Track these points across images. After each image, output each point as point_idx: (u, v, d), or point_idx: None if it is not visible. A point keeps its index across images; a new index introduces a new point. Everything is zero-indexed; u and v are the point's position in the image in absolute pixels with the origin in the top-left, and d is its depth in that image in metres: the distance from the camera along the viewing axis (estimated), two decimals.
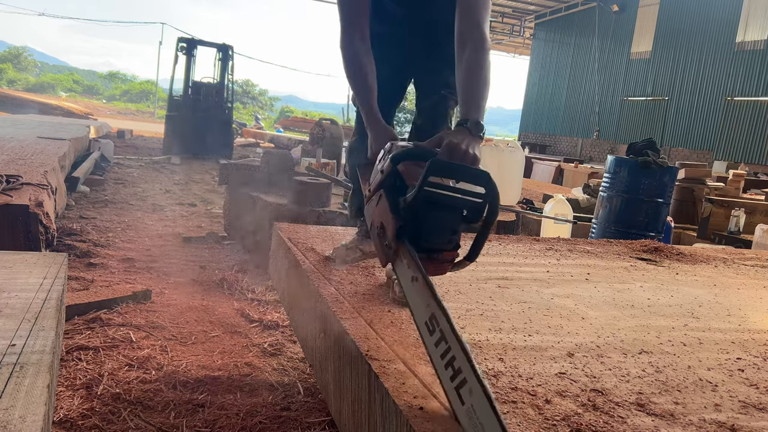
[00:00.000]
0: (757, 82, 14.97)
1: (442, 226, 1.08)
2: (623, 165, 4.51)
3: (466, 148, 1.16)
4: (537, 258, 2.15)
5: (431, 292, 0.96)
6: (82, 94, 41.61)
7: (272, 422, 1.78)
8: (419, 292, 1.00)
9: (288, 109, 46.89)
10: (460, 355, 0.86)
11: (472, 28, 1.39)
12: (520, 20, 24.54)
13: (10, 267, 1.77)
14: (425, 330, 0.96)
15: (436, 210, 1.06)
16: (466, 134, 1.20)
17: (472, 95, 1.31)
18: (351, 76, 1.50)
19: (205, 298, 2.98)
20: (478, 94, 1.31)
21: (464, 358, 0.85)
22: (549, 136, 22.68)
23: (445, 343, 0.90)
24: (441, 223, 1.08)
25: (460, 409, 0.85)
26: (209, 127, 10.61)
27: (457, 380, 0.86)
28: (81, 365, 2.03)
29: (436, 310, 0.94)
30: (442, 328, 0.91)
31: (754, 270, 2.37)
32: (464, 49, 1.37)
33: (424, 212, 1.06)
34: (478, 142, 1.21)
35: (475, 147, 1.18)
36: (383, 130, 1.42)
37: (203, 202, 6.15)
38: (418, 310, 1.00)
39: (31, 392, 1.01)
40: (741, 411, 1.01)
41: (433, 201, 1.05)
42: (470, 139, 1.19)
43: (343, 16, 1.51)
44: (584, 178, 9.95)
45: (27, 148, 4.70)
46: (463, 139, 1.18)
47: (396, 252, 1.09)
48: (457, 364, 0.86)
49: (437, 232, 1.08)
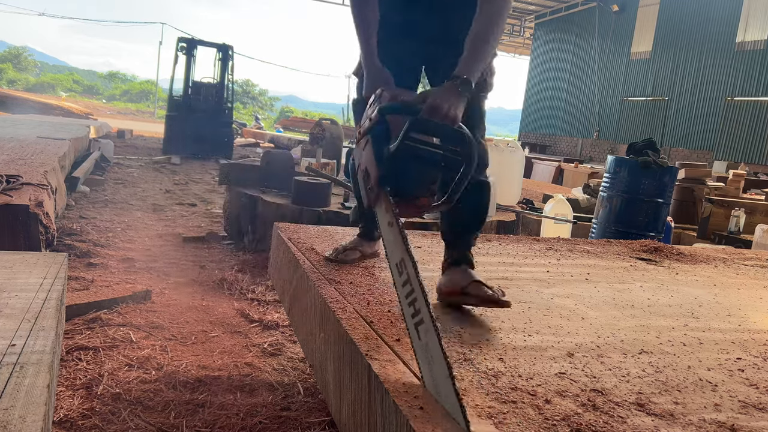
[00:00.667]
0: (757, 82, 14.97)
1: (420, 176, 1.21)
2: (623, 165, 4.51)
3: (447, 108, 1.20)
4: (537, 258, 2.15)
5: (403, 239, 1.08)
6: (82, 94, 41.61)
7: (272, 422, 1.78)
8: (393, 236, 1.12)
9: (288, 109, 46.91)
10: (421, 297, 0.98)
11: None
12: (520, 20, 24.55)
13: (10, 267, 1.77)
14: (395, 270, 1.09)
15: (415, 162, 1.17)
16: (452, 93, 1.23)
17: (473, 55, 1.30)
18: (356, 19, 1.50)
19: (205, 298, 2.98)
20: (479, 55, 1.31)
21: (423, 300, 0.98)
22: (549, 136, 22.68)
23: (410, 285, 1.02)
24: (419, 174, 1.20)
25: (417, 343, 0.99)
26: (209, 127, 10.61)
27: (416, 318, 1.00)
28: (81, 365, 2.03)
29: (404, 255, 1.05)
30: (408, 272, 1.03)
31: (754, 270, 2.37)
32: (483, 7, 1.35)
33: (403, 164, 1.17)
34: (463, 102, 1.24)
35: (458, 107, 1.21)
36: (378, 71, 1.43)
37: (203, 202, 6.15)
38: (392, 252, 1.12)
39: (31, 392, 1.01)
40: (741, 411, 1.01)
41: (412, 154, 1.16)
42: (455, 98, 1.22)
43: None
44: (584, 178, 9.96)
45: (27, 148, 4.70)
46: (448, 98, 1.21)
47: (377, 196, 1.20)
48: (418, 305, 0.99)
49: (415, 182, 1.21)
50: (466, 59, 1.30)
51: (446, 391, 0.89)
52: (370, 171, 1.21)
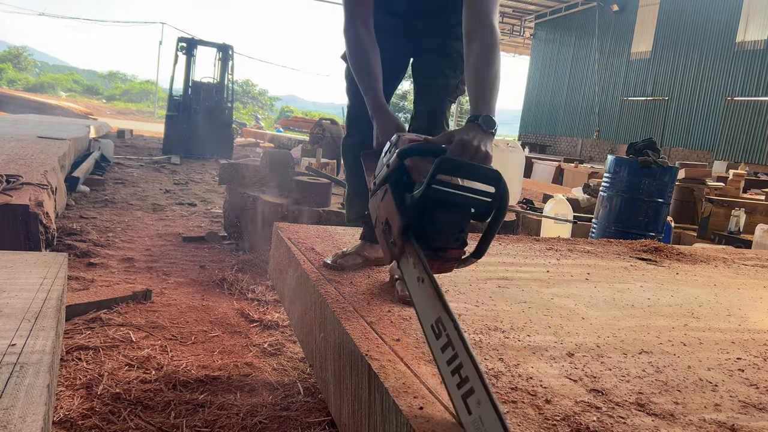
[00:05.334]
0: (757, 82, 14.96)
1: (449, 224, 1.05)
2: (623, 165, 4.51)
3: (477, 144, 1.13)
4: (537, 258, 2.15)
5: (438, 295, 0.94)
6: (82, 93, 41.62)
7: (272, 422, 1.78)
8: (426, 294, 0.98)
9: (288, 109, 46.91)
10: (468, 363, 0.84)
11: (481, 19, 1.35)
12: (520, 20, 24.54)
13: (10, 267, 1.77)
14: (431, 333, 0.94)
15: (444, 209, 1.03)
16: (477, 131, 1.16)
17: (482, 90, 1.27)
18: (354, 65, 1.48)
19: (205, 298, 2.98)
20: (489, 88, 1.27)
21: (472, 367, 0.82)
22: (549, 136, 22.67)
23: (452, 349, 0.88)
24: (448, 222, 1.05)
25: (466, 419, 0.83)
26: (209, 127, 10.62)
27: (464, 389, 0.83)
28: (81, 365, 2.03)
29: (442, 314, 0.92)
30: (449, 333, 0.89)
31: (754, 270, 2.37)
32: (473, 42, 1.33)
33: (431, 211, 1.03)
34: (490, 139, 1.18)
35: (486, 144, 1.15)
36: (390, 120, 1.38)
37: (203, 202, 6.15)
38: (424, 312, 0.98)
39: (31, 392, 1.01)
40: (741, 411, 1.01)
41: (440, 200, 1.02)
42: (482, 135, 1.16)
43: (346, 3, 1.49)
44: (584, 178, 9.95)
45: (27, 148, 4.70)
46: (475, 135, 1.14)
47: (401, 250, 1.07)
48: (465, 372, 0.84)
49: (444, 231, 1.05)
50: (478, 97, 1.26)
51: None
52: (391, 222, 1.08)
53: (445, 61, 1.68)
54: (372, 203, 1.21)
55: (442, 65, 1.68)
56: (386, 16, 1.63)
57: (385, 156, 1.20)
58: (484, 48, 1.31)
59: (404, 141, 1.14)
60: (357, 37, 1.46)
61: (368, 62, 1.45)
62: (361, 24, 1.47)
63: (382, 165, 1.18)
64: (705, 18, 16.54)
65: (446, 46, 1.67)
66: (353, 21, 1.47)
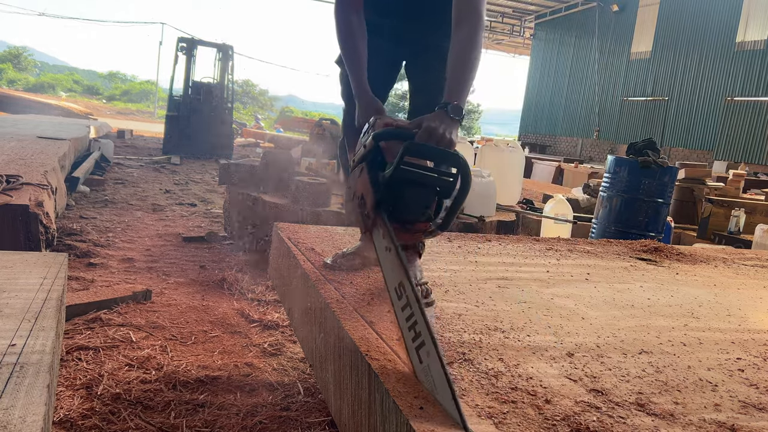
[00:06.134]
0: (757, 82, 14.96)
1: (416, 201, 1.19)
2: (623, 165, 4.51)
3: (443, 132, 1.21)
4: (537, 258, 2.15)
5: (401, 262, 1.06)
6: (82, 94, 41.59)
7: (272, 422, 1.78)
8: (391, 261, 1.11)
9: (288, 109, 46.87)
10: (421, 319, 0.97)
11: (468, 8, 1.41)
12: (520, 20, 24.53)
13: (10, 267, 1.77)
14: (394, 294, 1.07)
15: (411, 187, 1.17)
16: (444, 118, 1.24)
17: (457, 79, 1.33)
18: (343, 47, 1.54)
19: (205, 298, 2.98)
20: (464, 78, 1.33)
21: (423, 322, 0.96)
22: (549, 136, 22.67)
23: (410, 308, 1.01)
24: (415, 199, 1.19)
25: (418, 367, 0.97)
26: (209, 127, 10.63)
27: (417, 341, 0.97)
28: (81, 365, 2.03)
29: (403, 278, 1.04)
30: (408, 295, 1.02)
31: (754, 270, 2.37)
32: (460, 28, 1.39)
33: (399, 189, 1.17)
34: (456, 126, 1.26)
35: (452, 131, 1.23)
36: (370, 102, 1.45)
37: (203, 202, 6.15)
38: (390, 276, 1.11)
39: (31, 392, 1.01)
40: (741, 411, 1.01)
41: (408, 179, 1.16)
42: (448, 122, 1.23)
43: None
44: (584, 178, 9.95)
45: (27, 148, 4.70)
46: (441, 123, 1.22)
47: (374, 222, 1.20)
48: (419, 328, 0.97)
49: (411, 207, 1.19)
50: (452, 85, 1.32)
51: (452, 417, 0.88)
52: (366, 197, 1.22)
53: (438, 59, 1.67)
54: (351, 178, 1.33)
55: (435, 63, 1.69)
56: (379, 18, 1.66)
57: (363, 137, 1.31)
58: (468, 35, 1.37)
59: (380, 125, 1.27)
60: (347, 20, 1.52)
61: (355, 45, 1.51)
62: (352, 9, 1.52)
63: (360, 144, 1.30)
64: (705, 18, 16.54)
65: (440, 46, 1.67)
66: (344, 4, 1.53)
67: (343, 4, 1.53)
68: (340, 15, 1.52)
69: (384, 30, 1.67)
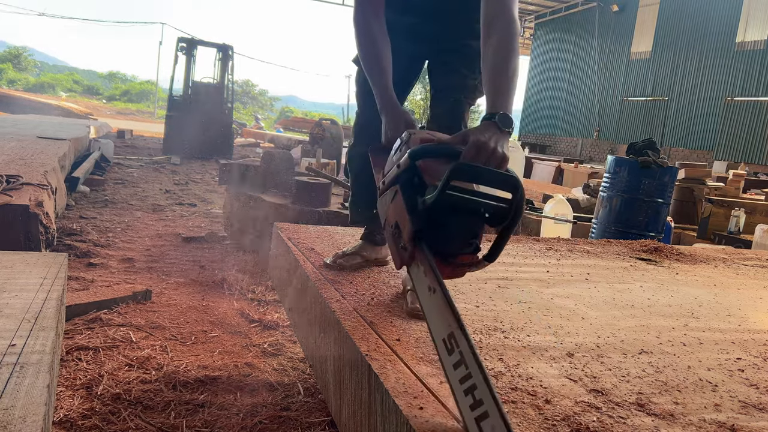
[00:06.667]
0: (757, 82, 14.97)
1: (463, 230, 1.01)
2: (623, 165, 4.51)
3: (494, 146, 1.04)
4: (537, 258, 2.15)
5: (450, 307, 0.88)
6: (82, 94, 41.60)
7: (272, 422, 1.78)
8: (437, 306, 0.93)
9: (288, 109, 46.89)
10: (483, 385, 0.79)
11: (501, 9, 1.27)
12: (520, 20, 24.41)
13: (10, 267, 1.77)
14: (443, 347, 0.89)
15: (458, 215, 0.98)
16: (493, 130, 1.07)
17: (500, 86, 1.18)
18: (363, 55, 1.42)
19: (205, 298, 2.98)
20: (507, 84, 1.18)
21: (487, 390, 0.78)
22: (549, 137, 22.68)
23: (466, 368, 0.82)
24: (462, 228, 1.01)
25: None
26: (209, 127, 10.63)
27: (477, 411, 0.79)
28: (81, 365, 2.03)
29: (456, 329, 0.86)
30: (462, 351, 0.84)
31: (754, 270, 2.37)
32: (492, 34, 1.24)
33: (444, 217, 0.98)
34: (506, 138, 1.09)
35: (503, 144, 1.07)
36: (400, 115, 1.31)
37: (203, 202, 6.15)
38: (435, 324, 0.92)
39: (31, 392, 1.01)
40: (741, 411, 1.01)
41: (455, 206, 0.97)
42: (498, 135, 1.07)
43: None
44: (584, 178, 9.95)
45: (27, 148, 4.70)
46: (491, 136, 1.05)
47: (412, 255, 1.01)
48: (479, 394, 0.79)
49: (457, 237, 1.01)
50: (496, 94, 1.18)
51: None
52: (401, 226, 1.03)
53: (462, 60, 1.60)
54: (380, 203, 1.16)
55: (458, 64, 1.60)
56: (401, 16, 1.55)
57: (395, 154, 1.13)
58: (504, 40, 1.23)
59: (416, 140, 1.08)
60: (367, 26, 1.40)
61: (378, 52, 1.38)
62: (372, 13, 1.41)
63: (392, 164, 1.12)
64: (705, 18, 16.55)
65: (464, 46, 1.59)
66: (364, 9, 1.42)
67: (363, 8, 1.42)
68: (360, 21, 1.41)
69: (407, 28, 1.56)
